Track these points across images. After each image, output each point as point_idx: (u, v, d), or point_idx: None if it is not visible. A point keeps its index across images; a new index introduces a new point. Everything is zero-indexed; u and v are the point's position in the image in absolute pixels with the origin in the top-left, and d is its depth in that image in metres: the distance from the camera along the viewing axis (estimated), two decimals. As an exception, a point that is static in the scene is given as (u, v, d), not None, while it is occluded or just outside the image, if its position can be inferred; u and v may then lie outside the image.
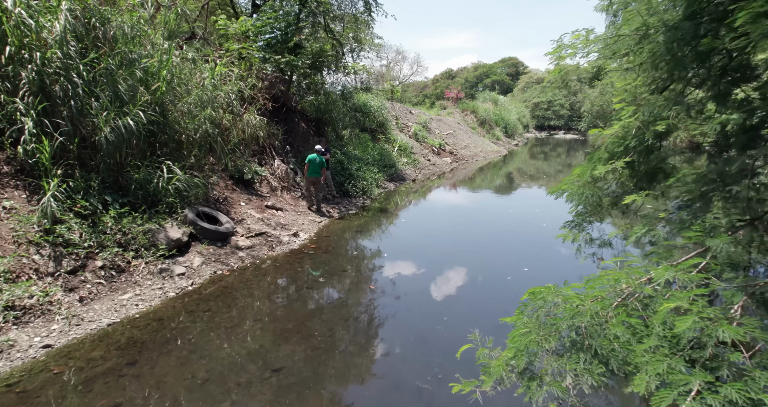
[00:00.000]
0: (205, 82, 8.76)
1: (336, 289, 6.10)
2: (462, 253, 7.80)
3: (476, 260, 7.45)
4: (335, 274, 6.66)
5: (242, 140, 10.11)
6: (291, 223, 9.17)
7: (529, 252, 7.88)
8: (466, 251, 7.93)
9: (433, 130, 26.45)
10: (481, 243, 8.52)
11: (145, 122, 6.98)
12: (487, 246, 8.27)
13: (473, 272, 6.84)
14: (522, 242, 8.51)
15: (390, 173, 16.02)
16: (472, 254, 7.72)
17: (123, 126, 6.39)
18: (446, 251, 7.96)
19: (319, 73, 13.15)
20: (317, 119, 14.81)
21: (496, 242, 8.61)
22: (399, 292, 5.99)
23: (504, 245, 8.36)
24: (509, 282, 6.44)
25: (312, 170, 10.14)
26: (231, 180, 9.63)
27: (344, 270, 6.77)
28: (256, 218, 8.71)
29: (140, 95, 7.02)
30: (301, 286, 6.19)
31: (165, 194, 7.14)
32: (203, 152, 8.35)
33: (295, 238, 8.33)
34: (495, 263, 7.30)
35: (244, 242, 7.51)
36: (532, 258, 7.51)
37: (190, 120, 8.03)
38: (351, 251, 7.75)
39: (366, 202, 12.09)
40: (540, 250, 7.96)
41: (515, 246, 8.29)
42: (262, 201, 9.69)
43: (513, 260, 7.43)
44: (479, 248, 8.11)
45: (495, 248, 8.12)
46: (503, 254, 7.79)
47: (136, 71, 7.05)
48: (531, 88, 69.03)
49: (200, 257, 6.77)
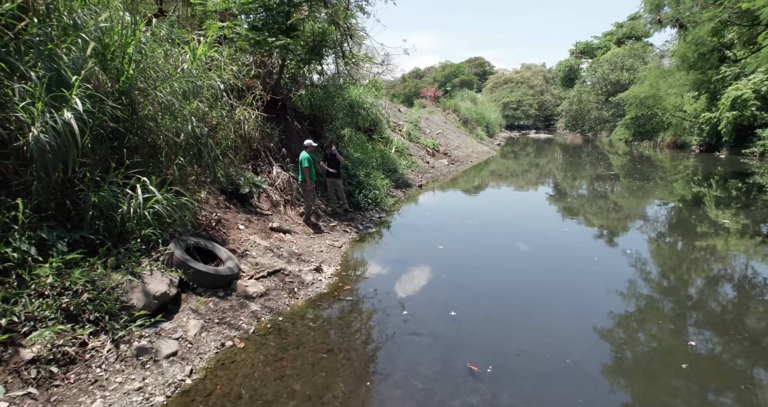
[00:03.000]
0: (186, 67, 6.46)
1: (415, 375, 3.99)
2: (553, 300, 5.87)
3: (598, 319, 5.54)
4: (402, 341, 4.56)
5: (233, 142, 7.83)
6: (306, 251, 6.98)
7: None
8: (560, 299, 6.01)
9: (424, 129, 24.63)
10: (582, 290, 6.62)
11: (107, 118, 4.68)
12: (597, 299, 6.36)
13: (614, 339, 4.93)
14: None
15: (394, 179, 14.00)
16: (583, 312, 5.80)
17: (64, 123, 4.07)
18: (529, 291, 6.04)
19: (319, 60, 10.94)
20: (312, 116, 12.59)
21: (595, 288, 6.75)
22: (518, 371, 3.98)
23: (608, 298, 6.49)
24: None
25: (312, 172, 8.06)
26: (223, 195, 7.34)
27: (414, 333, 4.68)
28: (262, 248, 6.48)
29: (91, 73, 4.71)
30: (361, 369, 4.06)
31: (139, 223, 4.85)
32: (189, 159, 6.06)
33: (318, 274, 6.16)
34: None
35: (254, 288, 5.30)
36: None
37: (170, 117, 5.74)
38: (401, 295, 5.67)
39: (381, 215, 10.02)
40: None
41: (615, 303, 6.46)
42: (265, 222, 7.44)
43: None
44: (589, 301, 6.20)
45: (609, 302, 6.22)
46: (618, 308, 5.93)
47: (82, 38, 4.72)
48: (500, 87, 68.75)
49: (197, 318, 4.53)
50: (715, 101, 27.16)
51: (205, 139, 6.19)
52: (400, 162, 16.31)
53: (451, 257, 7.02)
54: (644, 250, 7.71)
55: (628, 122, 34.53)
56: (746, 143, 25.60)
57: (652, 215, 10.77)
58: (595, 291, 5.83)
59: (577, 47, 64.00)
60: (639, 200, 12.61)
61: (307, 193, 8.10)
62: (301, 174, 8.05)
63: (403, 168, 15.89)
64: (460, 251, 7.31)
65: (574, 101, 45.25)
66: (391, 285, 5.92)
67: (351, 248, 7.57)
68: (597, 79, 43.31)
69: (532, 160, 26.48)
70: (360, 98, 15.61)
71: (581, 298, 5.60)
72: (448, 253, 7.21)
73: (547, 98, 66.96)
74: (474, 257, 7.05)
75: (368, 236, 8.43)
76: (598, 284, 6.08)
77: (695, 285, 6.26)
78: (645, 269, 6.83)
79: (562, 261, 7.05)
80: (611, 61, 42.16)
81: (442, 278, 6.20)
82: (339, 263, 6.81)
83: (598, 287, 5.95)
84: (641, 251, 7.59)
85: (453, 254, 7.16)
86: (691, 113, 30.96)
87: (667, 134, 32.21)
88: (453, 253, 7.22)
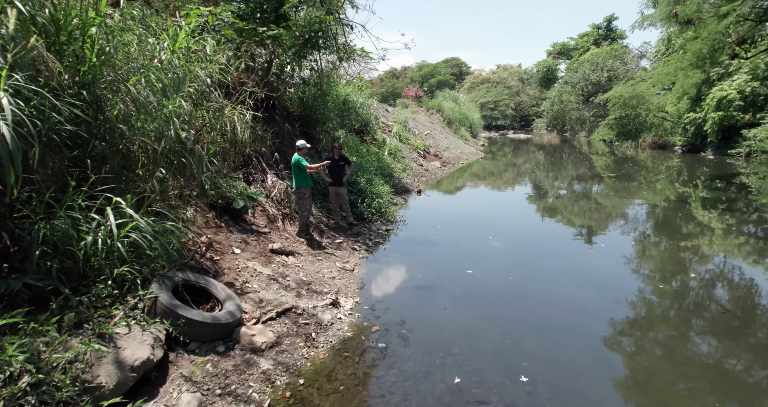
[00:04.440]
0: (165, 58, 5.22)
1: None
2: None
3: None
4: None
5: (221, 147, 6.59)
6: (316, 277, 5.82)
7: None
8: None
9: (413, 130, 23.65)
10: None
11: (62, 119, 3.45)
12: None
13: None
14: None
15: (393, 184, 12.92)
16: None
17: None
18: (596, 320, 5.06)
19: (314, 54, 9.76)
20: (303, 117, 11.39)
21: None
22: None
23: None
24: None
25: (306, 177, 6.95)
26: (212, 212, 6.10)
27: (479, 402, 3.60)
28: (264, 277, 5.29)
29: (38, 59, 3.49)
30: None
31: (110, 258, 3.62)
32: (172, 170, 4.82)
33: (336, 310, 5.02)
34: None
35: (262, 336, 4.13)
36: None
37: (147, 117, 4.50)
38: (444, 340, 4.59)
39: (388, 228, 8.92)
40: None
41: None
42: (264, 242, 6.24)
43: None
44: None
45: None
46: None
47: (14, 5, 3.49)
48: (477, 88, 68.67)
49: (191, 389, 3.33)
50: (699, 102, 27.19)
51: (192, 144, 4.96)
52: (395, 165, 15.24)
53: (487, 287, 5.91)
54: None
55: (612, 122, 34.46)
56: (731, 143, 25.65)
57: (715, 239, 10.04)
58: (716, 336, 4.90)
59: (555, 48, 64.47)
60: (684, 217, 11.91)
61: (301, 201, 6.95)
62: (294, 180, 6.92)
63: (398, 172, 14.83)
64: (495, 278, 6.21)
65: (555, 101, 45.16)
66: (428, 326, 4.82)
67: (365, 272, 6.44)
68: (578, 80, 43.33)
69: (522, 162, 25.89)
70: (350, 97, 14.48)
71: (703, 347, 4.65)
72: (483, 280, 6.10)
73: (523, 99, 67.28)
74: (516, 286, 5.96)
75: (380, 254, 7.32)
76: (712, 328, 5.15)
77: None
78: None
79: (620, 288, 6.12)
80: (592, 62, 42.23)
81: (489, 316, 5.14)
82: (356, 292, 5.67)
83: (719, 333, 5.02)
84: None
85: (489, 282, 6.03)
86: (673, 114, 31.07)
87: (650, 134, 32.24)
88: (488, 280, 6.10)
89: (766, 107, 24.81)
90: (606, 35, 54.73)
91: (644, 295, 5.86)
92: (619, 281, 6.29)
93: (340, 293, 5.49)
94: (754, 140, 23.83)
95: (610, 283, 6.24)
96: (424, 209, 11.27)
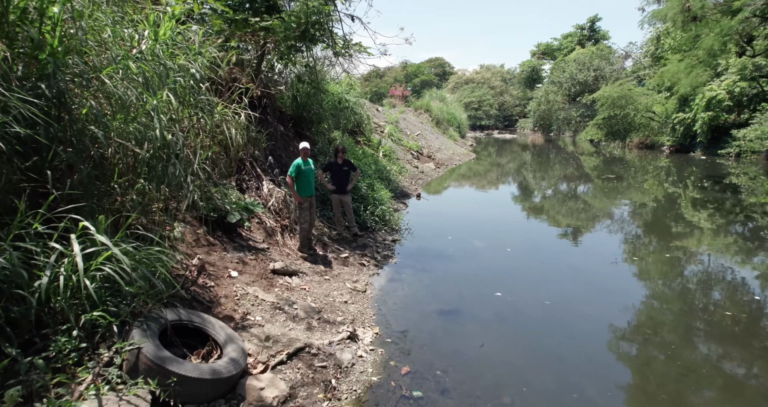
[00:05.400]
0: (146, 48, 4.37)
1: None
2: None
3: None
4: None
5: (212, 151, 5.73)
6: (325, 302, 5.03)
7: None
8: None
9: (404, 130, 22.93)
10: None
11: (9, 119, 2.62)
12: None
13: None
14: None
15: (391, 189, 12.15)
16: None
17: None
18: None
19: (311, 47, 8.93)
20: (296, 116, 10.54)
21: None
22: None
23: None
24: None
25: (305, 185, 6.16)
26: (203, 227, 5.25)
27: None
28: (267, 306, 4.48)
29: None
30: None
31: (73, 301, 2.78)
32: (156, 180, 3.97)
33: (355, 345, 4.24)
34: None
35: (272, 388, 3.32)
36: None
37: (125, 116, 3.66)
38: (491, 384, 3.85)
39: (395, 238, 8.17)
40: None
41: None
42: (263, 261, 5.41)
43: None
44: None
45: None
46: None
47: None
48: (461, 88, 68.47)
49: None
50: (687, 102, 27.18)
51: (181, 148, 4.12)
52: (391, 168, 14.49)
53: (523, 313, 5.12)
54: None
55: (601, 122, 34.39)
56: (720, 143, 25.67)
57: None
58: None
59: (539, 48, 64.65)
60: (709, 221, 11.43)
61: (301, 212, 6.17)
62: (301, 186, 6.15)
63: (395, 175, 14.08)
64: (529, 301, 5.42)
65: (542, 101, 45.04)
66: (466, 365, 4.08)
67: (379, 293, 5.67)
68: (565, 79, 43.28)
69: (516, 163, 25.47)
70: (342, 96, 13.66)
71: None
72: (515, 305, 5.28)
73: (506, 99, 67.35)
74: (555, 312, 5.20)
75: (391, 270, 6.55)
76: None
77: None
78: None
79: (679, 312, 5.49)
80: (579, 62, 42.22)
81: (534, 353, 4.41)
82: (374, 319, 4.89)
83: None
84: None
85: (523, 308, 5.24)
86: (661, 114, 31.10)
87: (639, 134, 32.25)
88: (521, 305, 5.30)
89: (751, 106, 24.91)
90: (590, 36, 55.05)
91: (704, 318, 5.24)
92: (672, 304, 5.67)
93: (356, 322, 4.71)
94: (743, 140, 23.84)
95: (665, 307, 5.60)
96: (429, 215, 10.55)
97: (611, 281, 6.37)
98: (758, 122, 23.46)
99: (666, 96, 29.14)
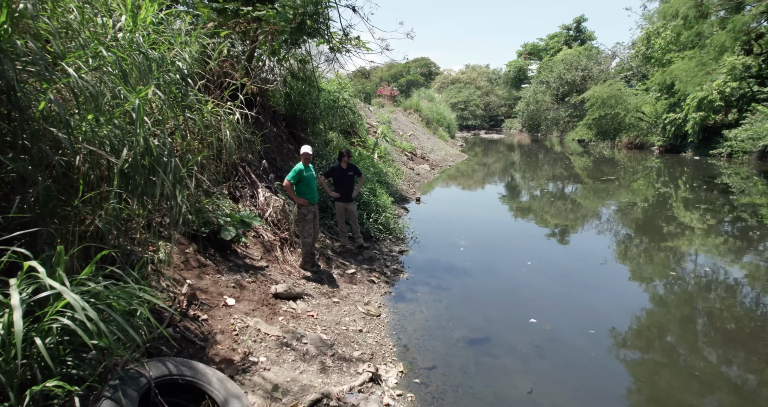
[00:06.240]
0: (123, 35, 3.62)
1: None
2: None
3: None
4: None
5: (203, 156, 4.97)
6: (338, 332, 4.33)
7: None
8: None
9: (397, 131, 22.28)
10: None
11: None
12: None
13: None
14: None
15: (391, 193, 11.48)
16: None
17: None
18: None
19: (306, 41, 8.21)
20: (290, 116, 9.82)
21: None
22: None
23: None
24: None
25: (308, 193, 5.47)
26: (193, 245, 4.50)
27: None
28: (272, 342, 3.76)
29: None
30: None
31: (14, 368, 2.03)
32: (137, 192, 3.22)
33: (380, 391, 3.55)
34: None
35: (289, 460, 2.61)
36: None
37: (98, 117, 2.92)
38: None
39: (401, 248, 7.50)
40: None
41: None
42: (264, 283, 4.68)
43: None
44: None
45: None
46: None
47: None
48: (447, 88, 68.21)
49: None
50: (678, 102, 27.14)
51: (168, 155, 3.38)
52: (387, 170, 13.81)
53: (568, 347, 4.35)
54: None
55: (591, 122, 34.28)
56: (711, 143, 25.65)
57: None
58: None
59: (525, 48, 64.72)
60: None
61: (302, 225, 5.47)
62: (304, 194, 5.45)
63: (392, 178, 13.41)
64: (571, 331, 4.69)
65: (531, 101, 44.86)
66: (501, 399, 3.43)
67: (395, 317, 4.99)
68: (553, 79, 43.20)
69: (510, 164, 25.07)
70: (338, 94, 12.94)
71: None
72: (557, 337, 4.51)
73: (492, 99, 67.29)
74: (606, 344, 4.56)
75: (404, 288, 5.87)
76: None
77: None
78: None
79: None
80: (566, 62, 42.15)
81: (596, 401, 3.77)
82: (395, 352, 4.21)
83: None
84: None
85: (566, 340, 4.48)
86: (650, 114, 31.10)
87: (630, 134, 32.22)
88: (563, 336, 4.55)
89: (738, 106, 24.93)
90: (576, 36, 55.25)
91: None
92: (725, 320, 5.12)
93: (376, 357, 4.02)
94: (735, 141, 23.81)
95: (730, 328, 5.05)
96: (432, 222, 9.91)
97: (662, 305, 5.77)
98: (749, 122, 23.46)
99: (666, 96, 29.02)
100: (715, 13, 11.49)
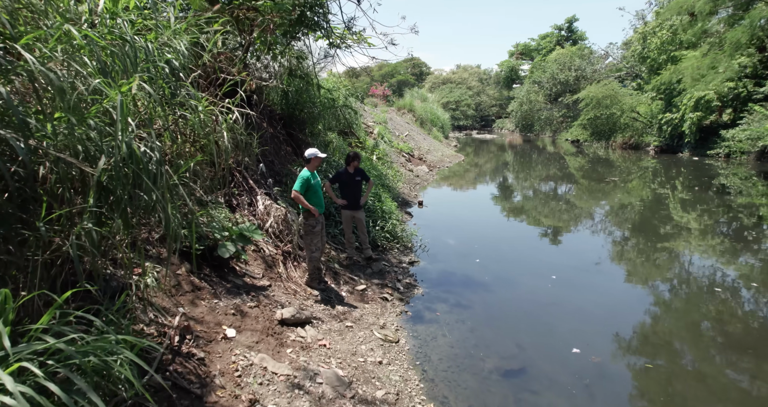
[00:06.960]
0: (101, 20, 3.01)
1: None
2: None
3: None
4: None
5: (193, 160, 4.35)
6: (355, 366, 3.75)
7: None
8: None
9: (393, 131, 21.73)
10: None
11: None
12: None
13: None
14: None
15: (392, 197, 10.92)
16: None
17: None
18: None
19: (306, 34, 7.62)
20: (287, 116, 9.20)
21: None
22: None
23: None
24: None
25: (315, 202, 4.89)
26: (185, 264, 3.89)
27: None
28: (282, 384, 3.17)
29: None
30: None
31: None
32: (122, 207, 2.61)
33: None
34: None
35: None
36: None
37: (69, 116, 2.30)
38: None
39: (411, 259, 6.95)
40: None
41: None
42: (267, 307, 4.09)
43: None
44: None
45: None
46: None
47: None
48: (438, 88, 67.88)
49: None
50: (675, 102, 26.97)
51: (157, 164, 2.78)
52: (387, 173, 13.25)
53: (620, 383, 3.83)
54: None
55: (586, 123, 34.07)
56: (708, 143, 25.50)
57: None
58: None
59: (517, 48, 64.59)
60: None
61: (309, 238, 4.88)
62: (300, 206, 4.85)
63: (392, 181, 12.85)
64: (619, 362, 4.17)
65: (524, 101, 44.58)
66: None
67: (416, 343, 4.42)
68: (546, 79, 42.98)
69: (508, 165, 24.66)
70: (338, 93, 12.33)
71: None
72: (605, 370, 3.98)
73: (483, 99, 67.10)
74: (666, 378, 4.07)
75: (421, 306, 5.31)
76: None
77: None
78: None
79: None
80: (560, 62, 41.95)
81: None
82: (423, 390, 3.64)
83: None
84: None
85: (615, 373, 3.97)
86: (646, 114, 30.95)
87: (625, 134, 32.06)
88: (611, 369, 4.03)
89: (733, 105, 24.82)
90: (567, 36, 55.20)
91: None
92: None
93: (402, 397, 3.45)
94: (733, 141, 23.65)
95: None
96: (438, 228, 9.35)
97: (735, 322, 5.27)
98: (747, 123, 23.32)
99: (661, 96, 28.84)
100: (725, 9, 11.16)
